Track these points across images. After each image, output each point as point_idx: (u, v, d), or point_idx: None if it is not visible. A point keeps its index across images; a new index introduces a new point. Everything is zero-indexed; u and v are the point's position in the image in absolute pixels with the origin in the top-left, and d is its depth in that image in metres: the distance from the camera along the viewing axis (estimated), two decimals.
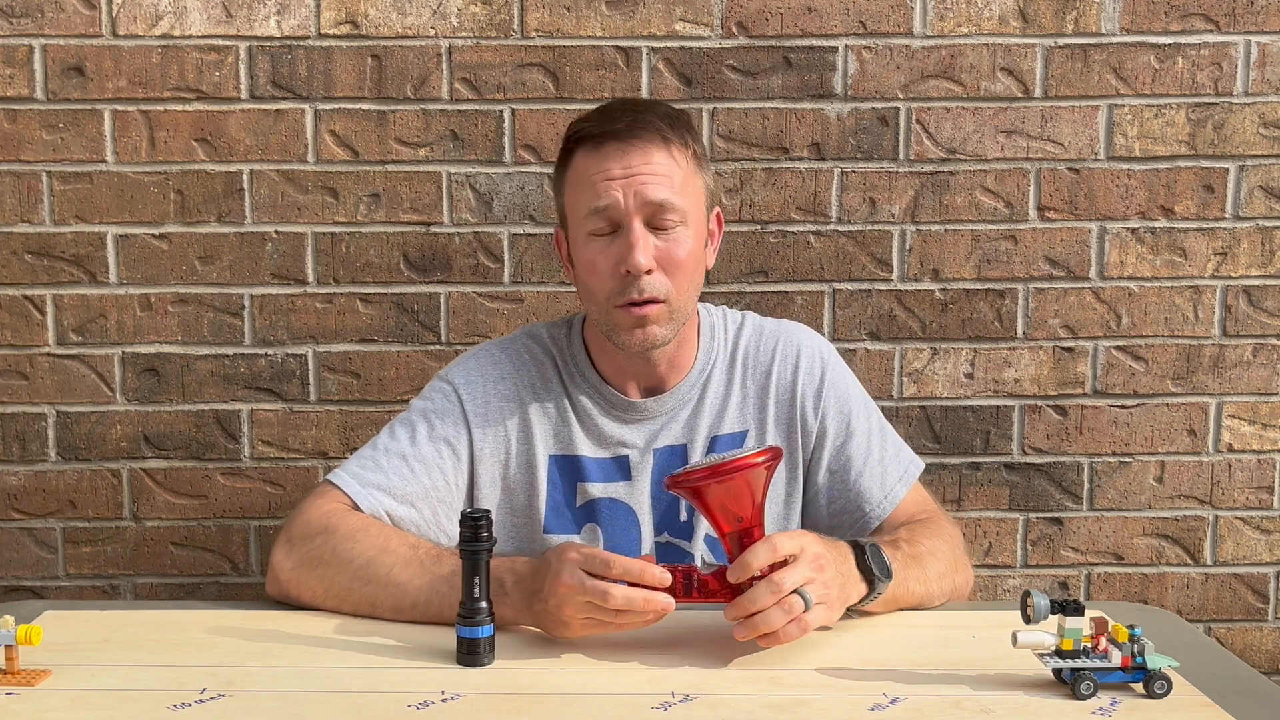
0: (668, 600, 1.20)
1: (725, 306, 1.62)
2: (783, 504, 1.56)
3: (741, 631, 1.19)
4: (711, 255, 1.54)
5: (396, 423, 1.53)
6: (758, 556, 1.19)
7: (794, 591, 1.18)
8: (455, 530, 1.41)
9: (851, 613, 1.31)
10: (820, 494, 1.56)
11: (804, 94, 1.98)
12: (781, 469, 1.56)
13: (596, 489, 1.52)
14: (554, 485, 1.52)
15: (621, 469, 1.52)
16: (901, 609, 1.38)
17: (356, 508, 1.44)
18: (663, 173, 1.43)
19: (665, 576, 1.20)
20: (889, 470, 1.54)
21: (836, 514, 1.55)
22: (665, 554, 1.53)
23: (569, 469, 1.53)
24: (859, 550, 1.30)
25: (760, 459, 1.20)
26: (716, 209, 1.55)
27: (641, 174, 1.42)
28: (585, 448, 1.52)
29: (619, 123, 1.45)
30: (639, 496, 1.52)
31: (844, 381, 1.58)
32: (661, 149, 1.44)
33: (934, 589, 1.41)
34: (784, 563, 1.20)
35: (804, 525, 1.61)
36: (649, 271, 1.42)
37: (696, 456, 1.54)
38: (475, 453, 1.52)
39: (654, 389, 1.54)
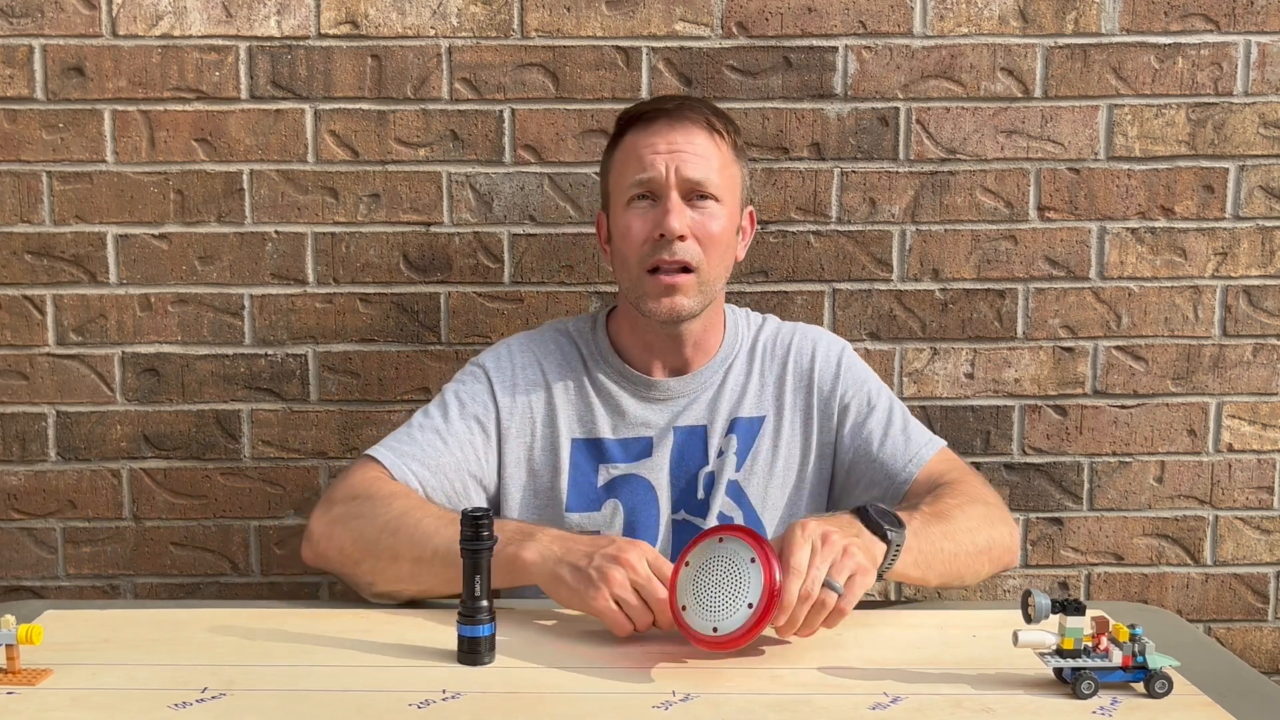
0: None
1: (748, 309, 1.72)
2: (794, 489, 1.60)
3: (795, 636, 1.24)
4: (742, 249, 1.63)
5: (430, 404, 1.60)
6: (792, 594, 1.18)
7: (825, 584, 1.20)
8: (484, 504, 1.54)
9: (884, 579, 1.31)
10: (850, 474, 1.60)
11: (804, 94, 1.98)
12: (794, 452, 1.60)
13: (619, 469, 1.58)
14: (576, 468, 1.58)
15: (643, 448, 1.59)
16: (946, 573, 1.39)
17: (393, 479, 1.51)
18: (703, 154, 1.52)
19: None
20: (913, 439, 1.58)
21: (867, 488, 1.58)
22: (681, 530, 1.57)
23: (592, 452, 1.59)
24: (861, 513, 1.32)
25: (775, 576, 1.17)
26: (750, 208, 1.64)
27: (684, 151, 1.52)
28: (607, 430, 1.59)
29: (669, 104, 1.57)
30: (658, 473, 1.58)
31: (860, 368, 1.67)
32: (705, 132, 1.54)
33: (966, 543, 1.41)
34: None
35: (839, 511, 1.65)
36: (682, 238, 1.50)
37: (716, 438, 1.60)
38: (503, 431, 1.59)
39: (678, 371, 1.62)
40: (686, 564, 1.21)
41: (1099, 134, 2.00)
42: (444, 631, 1.25)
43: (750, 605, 1.16)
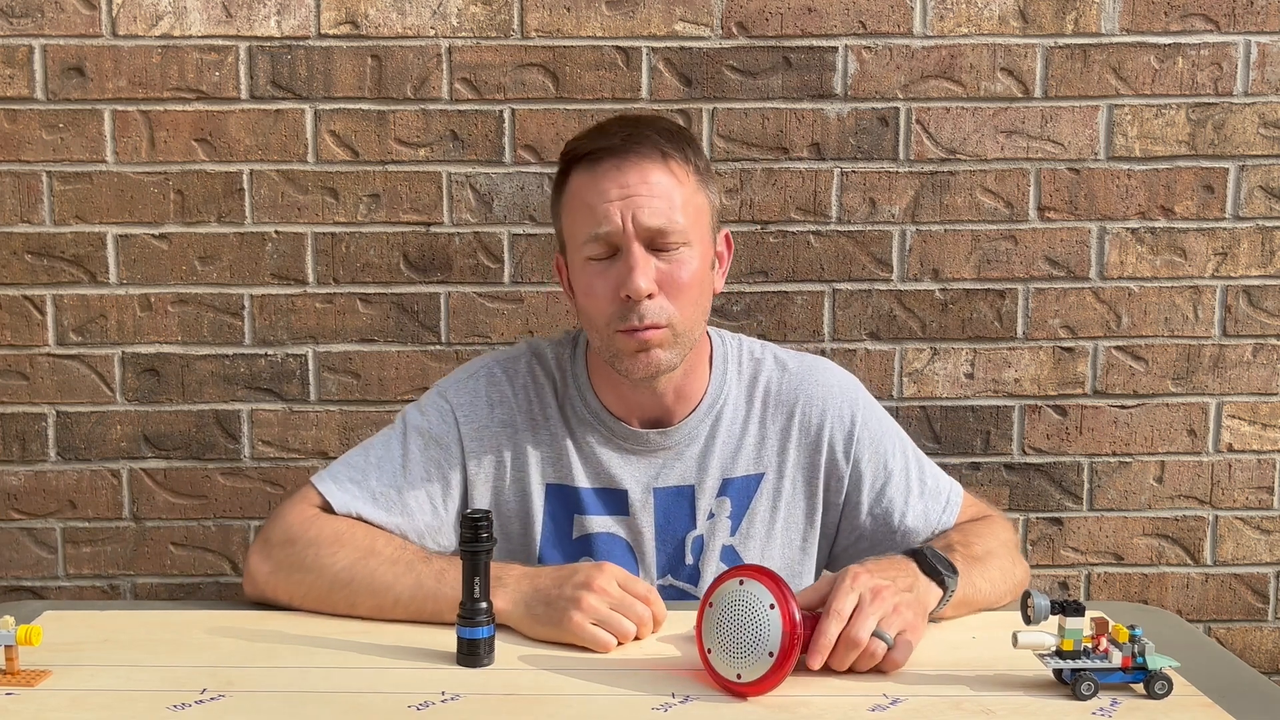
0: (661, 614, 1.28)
1: (742, 335, 1.55)
2: (798, 550, 1.52)
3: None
4: (719, 278, 1.46)
5: (392, 435, 1.47)
6: (829, 635, 1.15)
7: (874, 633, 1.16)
8: (436, 548, 1.42)
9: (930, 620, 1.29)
10: (863, 539, 1.50)
11: (804, 94, 1.98)
12: (796, 512, 1.52)
13: (594, 523, 1.46)
14: (550, 516, 1.47)
15: (619, 503, 1.46)
16: (973, 611, 1.37)
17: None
18: (661, 193, 1.34)
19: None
20: (931, 506, 1.49)
21: (884, 551, 1.52)
22: (669, 597, 1.49)
23: (565, 499, 1.46)
24: (918, 556, 1.28)
25: (795, 622, 1.13)
26: (725, 231, 1.47)
27: (639, 195, 1.33)
28: (582, 479, 1.46)
29: (614, 139, 1.36)
30: (640, 536, 1.47)
31: (876, 421, 1.52)
32: (660, 166, 1.35)
33: (1001, 587, 1.39)
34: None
35: (844, 564, 1.57)
36: (650, 296, 1.34)
37: (706, 500, 1.47)
38: (469, 479, 1.46)
39: (659, 422, 1.46)
40: (710, 605, 1.18)
41: (1099, 134, 2.00)
42: (443, 633, 1.25)
43: (771, 654, 1.13)
